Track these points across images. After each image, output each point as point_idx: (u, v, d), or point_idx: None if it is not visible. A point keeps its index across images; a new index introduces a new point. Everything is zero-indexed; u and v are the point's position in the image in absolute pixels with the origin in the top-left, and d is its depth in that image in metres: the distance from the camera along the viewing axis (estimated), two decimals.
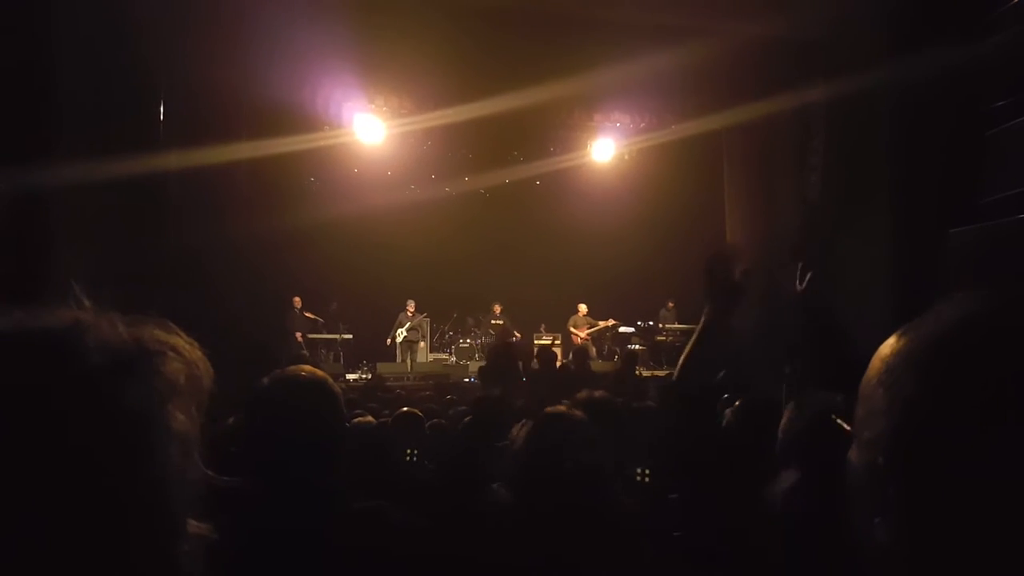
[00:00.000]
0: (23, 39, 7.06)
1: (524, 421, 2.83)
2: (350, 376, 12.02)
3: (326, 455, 1.70)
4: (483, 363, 11.79)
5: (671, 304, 13.23)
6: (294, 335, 12.21)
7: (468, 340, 13.74)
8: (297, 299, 12.35)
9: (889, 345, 0.68)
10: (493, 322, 13.24)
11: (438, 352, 14.02)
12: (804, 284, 2.08)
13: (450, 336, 14.14)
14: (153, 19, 8.57)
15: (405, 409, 3.32)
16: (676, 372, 1.72)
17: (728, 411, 2.41)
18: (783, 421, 1.66)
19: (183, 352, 0.64)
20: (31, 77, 7.12)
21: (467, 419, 3.41)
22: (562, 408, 1.65)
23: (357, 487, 2.54)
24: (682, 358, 1.71)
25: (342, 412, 1.77)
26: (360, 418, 4.30)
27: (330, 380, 1.77)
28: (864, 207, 9.91)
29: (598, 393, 2.45)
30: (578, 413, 1.66)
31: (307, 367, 1.80)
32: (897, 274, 9.22)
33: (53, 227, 7.22)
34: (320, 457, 1.68)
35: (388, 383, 9.51)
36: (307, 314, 12.39)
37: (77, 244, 7.39)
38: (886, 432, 0.63)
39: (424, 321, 13.61)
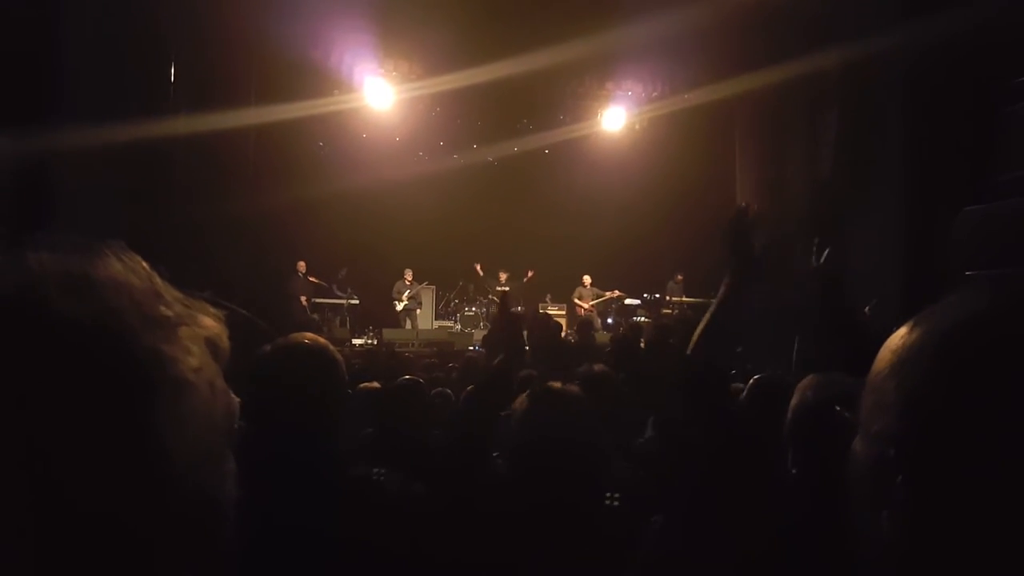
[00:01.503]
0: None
1: (527, 392, 2.84)
2: (356, 341, 12.07)
3: (326, 421, 1.71)
4: (487, 331, 11.84)
5: (680, 277, 13.15)
6: (298, 299, 12.21)
7: (473, 308, 13.76)
8: (302, 263, 12.32)
9: (900, 336, 0.67)
10: (498, 288, 13.22)
11: (443, 320, 14.05)
12: (821, 260, 2.04)
13: (455, 304, 14.16)
14: None
15: (407, 377, 3.33)
16: (690, 346, 1.70)
17: (742, 390, 2.40)
18: (792, 403, 1.65)
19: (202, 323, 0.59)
20: (37, 36, 7.05)
21: (471, 388, 3.43)
22: (557, 384, 1.65)
23: (360, 452, 2.56)
24: (697, 332, 1.69)
25: (343, 379, 1.78)
26: (366, 384, 4.33)
27: (331, 347, 1.78)
28: (876, 183, 9.82)
29: (597, 367, 2.44)
30: (573, 389, 1.65)
31: (309, 334, 1.80)
32: (909, 252, 9.16)
33: (56, 190, 7.21)
34: (320, 423, 1.69)
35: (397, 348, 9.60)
36: (311, 278, 12.38)
37: (81, 207, 7.39)
38: (896, 426, 0.63)
39: (424, 289, 13.63)
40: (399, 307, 13.13)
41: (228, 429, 0.59)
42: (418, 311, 13.41)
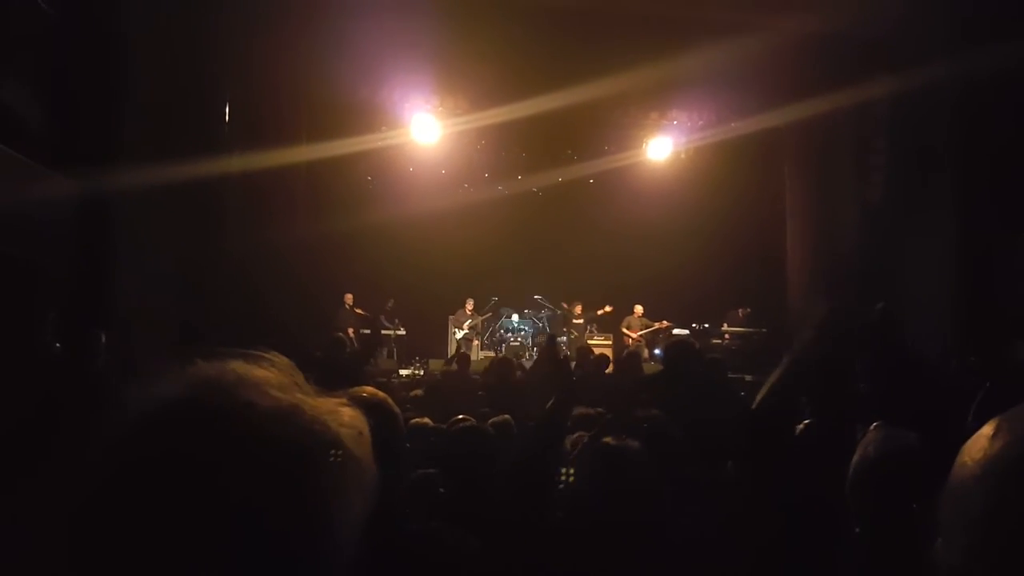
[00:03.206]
0: (97, 40, 7.30)
1: (579, 434, 2.83)
2: (403, 372, 12.16)
3: (385, 476, 1.72)
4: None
5: (747, 310, 12.83)
6: (345, 332, 12.35)
7: (518, 339, 13.76)
8: (349, 296, 12.49)
9: (983, 443, 0.64)
10: (575, 321, 13.18)
11: (488, 351, 14.06)
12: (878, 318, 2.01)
13: (501, 334, 14.17)
14: (222, 18, 8.79)
15: (462, 417, 3.34)
16: (757, 400, 1.69)
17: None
18: (853, 460, 1.62)
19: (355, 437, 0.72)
20: (104, 77, 7.35)
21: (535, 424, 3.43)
22: (617, 441, 1.64)
23: (418, 497, 2.57)
24: (766, 386, 1.67)
25: (403, 433, 1.80)
26: (417, 419, 4.35)
27: (390, 400, 1.80)
28: (928, 210, 9.62)
29: (654, 412, 2.41)
30: (634, 444, 1.64)
31: (369, 388, 1.82)
32: (962, 279, 8.93)
33: (118, 226, 7.47)
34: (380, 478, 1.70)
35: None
36: (357, 310, 12.53)
37: (141, 242, 7.64)
38: (986, 541, 0.61)
39: (480, 320, 13.69)
40: (458, 335, 13.18)
41: (371, 490, 0.74)
42: (475, 342, 13.45)
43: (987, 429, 0.65)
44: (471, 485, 2.10)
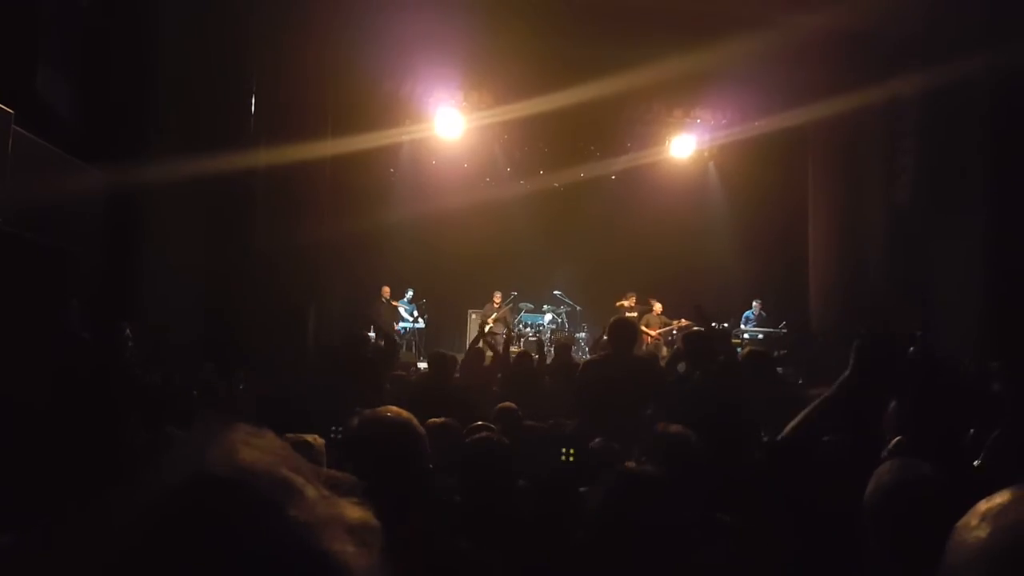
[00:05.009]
0: (129, 32, 7.37)
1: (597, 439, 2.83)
2: (422, 365, 12.20)
3: (408, 494, 1.76)
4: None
5: (760, 303, 12.69)
6: (383, 325, 12.34)
7: (536, 334, 13.74)
8: (386, 288, 12.55)
9: (976, 528, 0.65)
10: (628, 313, 13.06)
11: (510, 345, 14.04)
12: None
13: (520, 329, 14.15)
14: (251, 11, 8.85)
15: (480, 423, 3.37)
16: (788, 430, 1.70)
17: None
18: (868, 488, 1.63)
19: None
20: (135, 70, 7.43)
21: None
22: (635, 468, 1.65)
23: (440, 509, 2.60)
24: (799, 419, 1.68)
25: (426, 451, 1.83)
26: (433, 419, 4.38)
27: (415, 421, 1.83)
28: (959, 211, 9.50)
29: (674, 428, 2.42)
30: (653, 472, 1.66)
31: (393, 408, 1.85)
32: (990, 283, 8.82)
33: (146, 218, 7.56)
34: (403, 496, 1.73)
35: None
36: (394, 303, 12.61)
37: (168, 234, 7.73)
38: None
39: (508, 313, 13.67)
40: (486, 330, 13.15)
41: None
42: (501, 335, 13.42)
43: (982, 507, 0.66)
44: (491, 500, 2.13)
